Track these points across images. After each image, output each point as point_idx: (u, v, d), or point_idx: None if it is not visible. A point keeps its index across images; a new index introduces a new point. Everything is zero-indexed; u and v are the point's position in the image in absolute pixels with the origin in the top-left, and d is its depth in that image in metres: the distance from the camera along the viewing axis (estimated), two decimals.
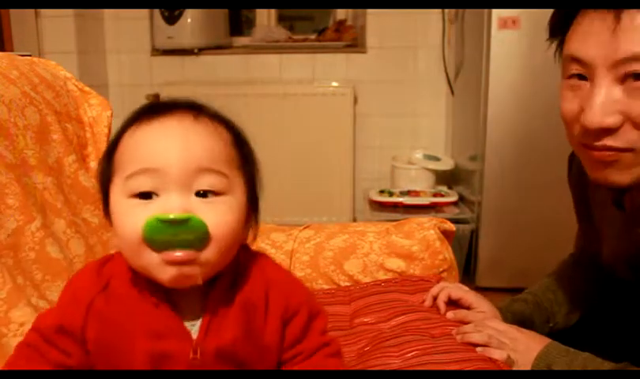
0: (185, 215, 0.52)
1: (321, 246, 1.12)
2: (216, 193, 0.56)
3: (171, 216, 0.51)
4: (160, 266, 0.53)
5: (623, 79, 0.68)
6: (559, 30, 0.75)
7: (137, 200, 0.54)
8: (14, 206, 0.82)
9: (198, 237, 0.52)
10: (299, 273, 1.11)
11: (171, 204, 0.53)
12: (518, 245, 2.16)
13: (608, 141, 0.70)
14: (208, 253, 0.54)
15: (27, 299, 0.77)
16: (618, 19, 0.66)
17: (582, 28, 0.70)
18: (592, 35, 0.69)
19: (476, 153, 2.20)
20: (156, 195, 0.54)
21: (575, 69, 0.72)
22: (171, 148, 0.54)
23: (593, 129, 0.69)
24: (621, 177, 0.71)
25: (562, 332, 0.97)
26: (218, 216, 0.54)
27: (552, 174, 2.12)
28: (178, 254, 0.52)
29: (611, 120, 0.68)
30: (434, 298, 0.95)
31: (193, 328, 0.57)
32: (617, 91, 0.68)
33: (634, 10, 0.65)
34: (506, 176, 2.13)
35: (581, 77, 0.71)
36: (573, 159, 0.99)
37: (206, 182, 0.55)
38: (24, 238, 0.82)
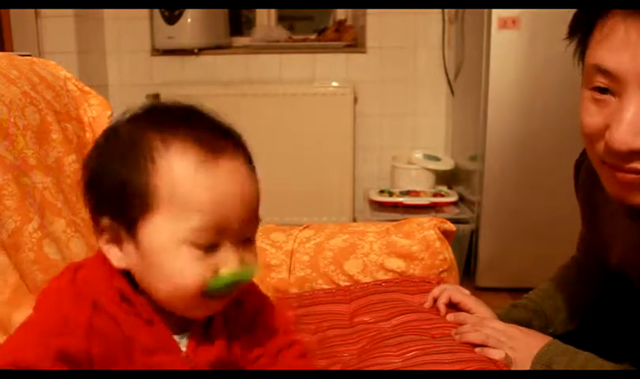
0: (248, 271, 0.55)
1: (321, 246, 1.12)
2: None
3: (243, 276, 0.54)
4: (201, 308, 0.54)
5: None
6: (580, 30, 0.68)
7: (199, 252, 0.52)
8: (12, 207, 0.82)
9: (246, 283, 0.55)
10: (299, 273, 1.11)
11: (232, 258, 0.54)
12: (518, 245, 2.16)
13: (638, 164, 0.62)
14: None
15: (30, 301, 0.77)
16: (623, 28, 0.59)
17: (613, 34, 0.61)
18: (625, 45, 0.59)
19: (476, 153, 2.20)
20: (216, 245, 0.53)
21: (601, 81, 0.63)
22: (237, 199, 0.55)
23: (619, 152, 0.62)
24: None
25: (566, 334, 0.97)
26: (255, 261, 0.58)
27: (552, 174, 2.12)
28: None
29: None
30: (435, 300, 0.95)
31: (182, 341, 0.57)
32: None
33: None
34: (506, 176, 2.13)
35: (605, 90, 0.63)
36: (580, 165, 0.98)
37: (253, 230, 0.58)
38: (23, 238, 0.82)
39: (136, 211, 0.52)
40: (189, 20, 2.57)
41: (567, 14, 0.77)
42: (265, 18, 2.92)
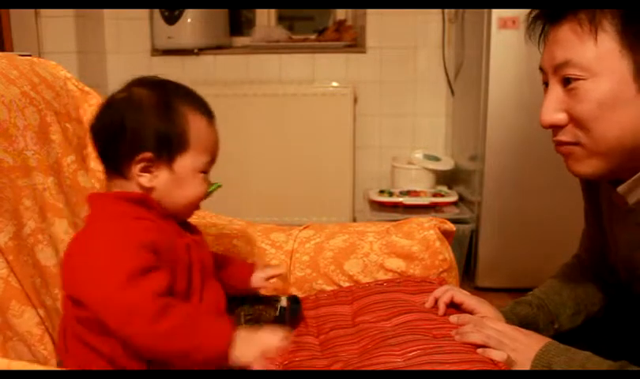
0: (215, 185, 0.92)
1: (321, 246, 1.12)
2: None
3: (215, 187, 0.90)
4: (193, 211, 0.86)
5: (564, 82, 0.77)
6: (529, 35, 0.87)
7: (203, 175, 0.82)
8: (9, 210, 0.82)
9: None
10: (298, 273, 1.11)
11: (210, 178, 0.85)
12: (518, 245, 2.16)
13: (560, 137, 0.80)
14: None
15: (31, 304, 0.77)
16: (547, 33, 0.80)
17: (545, 40, 0.83)
18: (543, 44, 0.82)
19: (476, 153, 2.20)
20: (207, 172, 0.84)
21: (542, 78, 0.83)
22: (218, 145, 0.86)
23: (544, 126, 0.80)
24: (580, 168, 0.80)
25: (566, 333, 0.97)
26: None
27: (552, 174, 2.12)
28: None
29: (557, 118, 0.78)
30: (436, 300, 0.95)
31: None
32: (561, 93, 0.78)
33: (563, 22, 0.76)
34: (506, 176, 2.13)
35: (546, 84, 0.82)
36: None
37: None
38: (22, 241, 0.82)
39: (177, 148, 0.78)
40: (189, 20, 2.57)
41: None
42: (265, 18, 2.92)
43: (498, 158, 2.12)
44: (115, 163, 0.79)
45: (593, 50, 0.73)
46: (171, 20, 2.57)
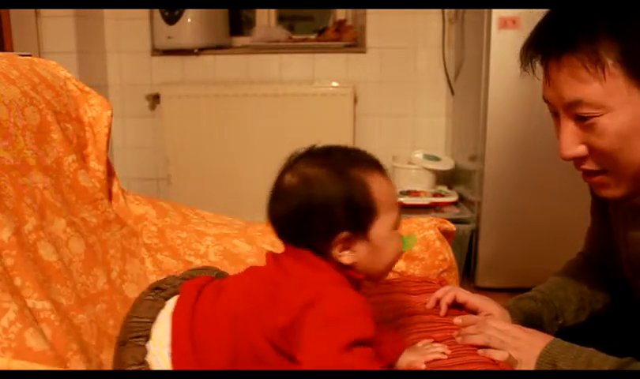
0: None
1: None
2: None
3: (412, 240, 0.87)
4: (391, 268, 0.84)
5: (576, 118, 0.77)
6: (523, 66, 0.86)
7: (395, 232, 0.80)
8: (10, 208, 0.82)
9: None
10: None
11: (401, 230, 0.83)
12: (518, 245, 2.16)
13: (586, 166, 0.79)
14: None
15: (22, 302, 0.77)
16: (548, 68, 0.79)
17: (545, 73, 0.81)
18: (550, 81, 0.80)
19: (476, 153, 2.20)
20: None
21: (548, 107, 0.83)
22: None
23: (566, 160, 0.80)
24: (611, 193, 0.80)
25: (570, 330, 0.97)
26: None
27: (552, 174, 2.12)
28: None
29: (577, 151, 0.78)
30: (438, 301, 0.94)
31: None
32: (576, 128, 0.78)
33: (561, 60, 0.76)
34: (506, 176, 2.13)
35: (555, 113, 0.82)
36: None
37: None
38: (22, 238, 0.82)
39: (368, 219, 0.77)
40: (189, 20, 2.57)
41: None
42: (265, 18, 2.92)
43: (498, 158, 2.12)
44: (314, 248, 0.77)
45: (601, 88, 0.73)
46: (171, 20, 2.57)
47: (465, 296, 0.94)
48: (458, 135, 2.55)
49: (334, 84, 2.65)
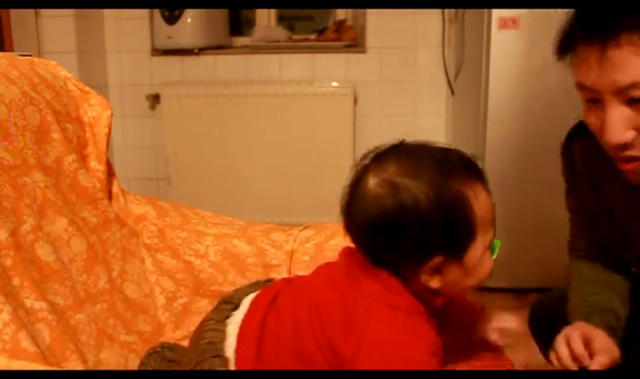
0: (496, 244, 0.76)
1: (321, 246, 1.12)
2: None
3: (497, 248, 0.75)
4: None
5: (629, 101, 0.73)
6: (563, 53, 0.82)
7: (488, 251, 0.72)
8: (8, 208, 0.82)
9: None
10: (298, 273, 1.11)
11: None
12: (519, 245, 2.16)
13: (631, 152, 0.77)
14: None
15: (17, 303, 0.77)
16: (604, 50, 0.72)
17: (581, 55, 0.76)
18: (590, 64, 0.75)
19: (476, 153, 2.20)
20: None
21: (586, 95, 0.78)
22: None
23: (613, 146, 0.76)
24: None
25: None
26: None
27: (552, 174, 2.11)
28: None
29: (626, 136, 0.75)
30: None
31: None
32: (626, 110, 0.74)
33: (620, 39, 0.71)
34: (506, 176, 2.13)
35: (593, 100, 0.77)
36: (569, 150, 0.99)
37: None
38: (19, 238, 0.82)
39: (466, 242, 0.68)
40: (189, 20, 2.57)
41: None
42: (265, 18, 2.92)
43: (498, 158, 2.11)
44: (393, 268, 0.69)
45: None
46: (171, 20, 2.57)
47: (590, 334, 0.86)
48: (458, 135, 2.55)
49: (334, 84, 2.64)
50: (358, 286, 0.70)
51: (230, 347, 0.75)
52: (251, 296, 0.81)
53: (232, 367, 0.74)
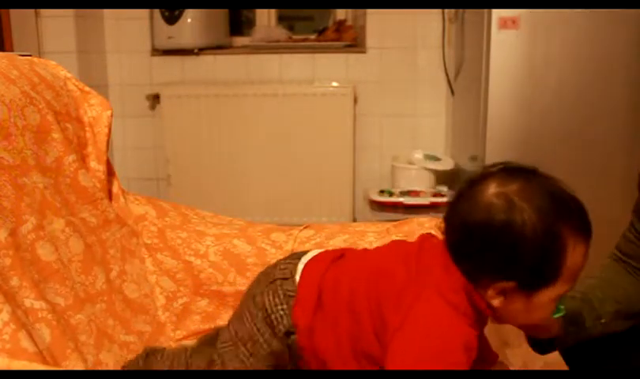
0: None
1: (321, 246, 1.12)
2: None
3: (561, 313, 0.76)
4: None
5: None
6: None
7: (555, 303, 0.72)
8: (8, 208, 0.82)
9: None
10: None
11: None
12: None
13: None
14: None
15: (16, 302, 0.77)
16: None
17: None
18: None
19: (476, 153, 2.20)
20: None
21: None
22: None
23: None
24: None
25: (614, 335, 0.94)
26: None
27: (552, 174, 2.12)
28: None
29: None
30: None
31: None
32: None
33: None
34: None
35: None
36: None
37: None
38: (19, 239, 0.82)
39: (544, 282, 0.69)
40: (189, 20, 2.57)
41: (567, 14, 0.80)
42: (265, 18, 2.92)
43: (498, 158, 2.09)
44: (469, 271, 0.72)
45: None
46: (171, 20, 2.57)
47: None
48: (458, 135, 2.55)
49: (334, 84, 2.64)
50: (425, 269, 0.74)
51: (298, 275, 0.83)
52: (317, 250, 0.88)
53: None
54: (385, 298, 0.74)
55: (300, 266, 0.84)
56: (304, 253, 0.88)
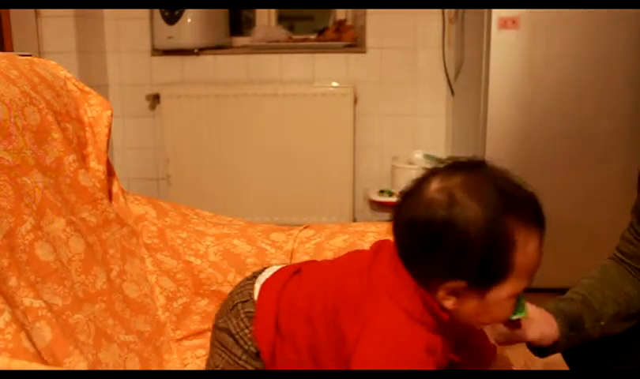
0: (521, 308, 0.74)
1: (321, 246, 1.12)
2: None
3: (522, 315, 0.74)
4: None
5: None
6: None
7: (513, 300, 0.69)
8: (6, 208, 0.82)
9: None
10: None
11: (520, 301, 0.72)
12: None
13: None
14: None
15: (15, 302, 0.77)
16: None
17: None
18: None
19: (476, 153, 2.20)
20: None
21: None
22: None
23: None
24: None
25: (615, 336, 0.94)
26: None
27: (552, 174, 2.12)
28: None
29: None
30: None
31: None
32: None
33: None
34: None
35: None
36: None
37: None
38: (17, 239, 0.82)
39: (495, 279, 0.66)
40: (189, 20, 2.57)
41: (567, 14, 0.80)
42: (265, 18, 2.92)
43: (498, 158, 2.11)
44: (418, 273, 0.69)
45: None
46: (171, 20, 2.57)
47: None
48: (458, 135, 2.55)
49: (334, 84, 2.65)
50: (378, 276, 0.72)
51: (256, 294, 0.82)
52: (275, 267, 0.86)
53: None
54: (342, 310, 0.72)
55: (257, 286, 0.82)
56: (261, 271, 0.86)
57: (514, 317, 0.72)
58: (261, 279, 0.84)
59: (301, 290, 0.79)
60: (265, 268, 0.88)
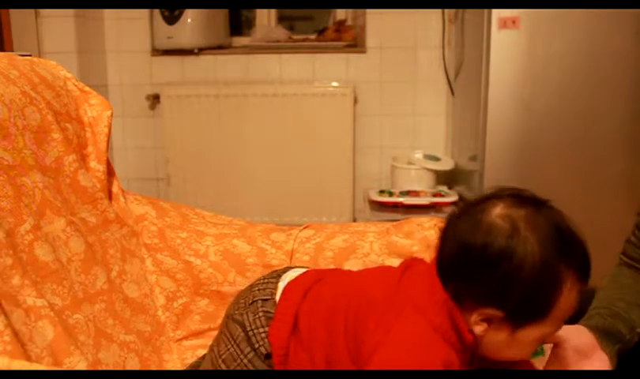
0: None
1: (321, 246, 1.12)
2: None
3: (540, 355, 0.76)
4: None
5: None
6: None
7: (539, 343, 0.70)
8: (6, 208, 0.82)
9: None
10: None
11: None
12: None
13: None
14: None
15: (17, 302, 0.77)
16: None
17: None
18: None
19: (476, 153, 2.20)
20: None
21: None
22: None
23: None
24: None
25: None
26: None
27: (552, 174, 2.12)
28: None
29: None
30: None
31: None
32: None
33: None
34: (506, 176, 2.12)
35: None
36: None
37: None
38: (16, 239, 0.82)
39: (532, 318, 0.67)
40: (189, 20, 2.57)
41: (567, 14, 0.80)
42: (265, 18, 2.92)
43: (498, 158, 2.11)
44: (456, 291, 0.69)
45: None
46: (171, 20, 2.57)
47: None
48: (458, 135, 2.55)
49: (334, 84, 2.64)
50: (406, 289, 0.72)
51: (278, 295, 0.80)
52: (299, 270, 0.85)
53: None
54: (363, 321, 0.72)
55: (281, 285, 0.81)
56: (285, 270, 0.85)
57: (532, 358, 0.73)
58: (286, 278, 0.83)
59: (324, 298, 0.78)
60: (289, 267, 0.87)
